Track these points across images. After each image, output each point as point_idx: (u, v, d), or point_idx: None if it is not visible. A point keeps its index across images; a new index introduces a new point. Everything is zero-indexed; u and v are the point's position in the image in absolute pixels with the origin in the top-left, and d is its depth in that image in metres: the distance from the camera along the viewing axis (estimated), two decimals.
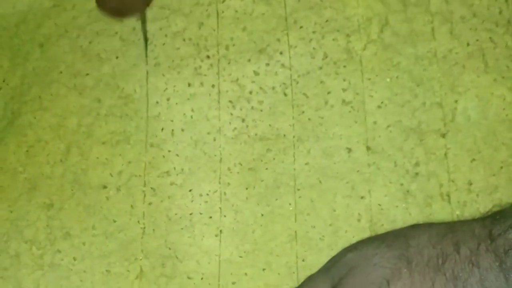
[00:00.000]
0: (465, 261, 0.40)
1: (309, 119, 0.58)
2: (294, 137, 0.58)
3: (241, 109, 0.58)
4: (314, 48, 0.60)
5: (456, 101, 0.58)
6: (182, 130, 0.58)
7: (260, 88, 0.59)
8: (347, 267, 0.45)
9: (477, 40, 0.59)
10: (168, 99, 0.59)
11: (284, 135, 0.57)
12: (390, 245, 0.44)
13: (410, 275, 0.42)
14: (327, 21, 0.60)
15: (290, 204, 0.56)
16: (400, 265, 0.42)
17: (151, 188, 0.57)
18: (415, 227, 0.47)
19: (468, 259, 0.40)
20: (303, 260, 0.54)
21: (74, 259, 0.55)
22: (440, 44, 0.59)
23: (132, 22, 0.61)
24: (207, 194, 0.56)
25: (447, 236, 0.43)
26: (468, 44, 0.59)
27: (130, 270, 0.55)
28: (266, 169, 0.57)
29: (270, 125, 0.58)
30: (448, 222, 0.50)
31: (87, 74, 0.61)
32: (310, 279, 0.50)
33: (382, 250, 0.44)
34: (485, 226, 0.42)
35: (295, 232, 0.55)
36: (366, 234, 0.54)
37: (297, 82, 0.59)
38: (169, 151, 0.57)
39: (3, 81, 0.62)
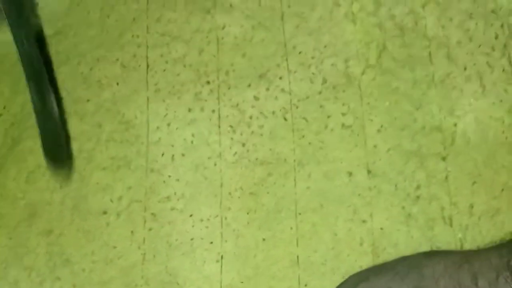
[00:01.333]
0: None
1: (309, 143, 0.57)
2: (294, 161, 0.57)
3: (241, 134, 0.58)
4: (313, 73, 0.59)
5: (455, 125, 0.57)
6: (183, 155, 0.57)
7: (260, 112, 0.58)
8: None
9: (474, 64, 0.59)
10: (168, 124, 0.58)
11: (285, 159, 0.57)
12: (403, 277, 0.43)
13: None
14: (325, 46, 0.60)
15: (291, 228, 0.55)
16: None
17: (152, 213, 0.55)
18: (428, 256, 0.46)
19: None
20: (305, 285, 0.53)
21: (74, 286, 0.53)
22: (438, 69, 0.59)
23: (133, 48, 0.61)
24: (208, 219, 0.55)
25: (463, 266, 0.41)
26: (465, 68, 0.59)
27: None
28: (267, 193, 0.56)
29: (270, 149, 0.57)
30: (462, 251, 0.49)
31: (88, 100, 0.60)
32: None
33: (396, 282, 0.43)
34: (502, 256, 0.40)
35: (297, 256, 0.54)
36: (368, 258, 0.53)
37: (297, 107, 0.58)
38: (169, 176, 0.56)
39: (4, 108, 0.61)
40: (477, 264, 0.41)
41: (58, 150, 0.50)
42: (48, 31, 0.63)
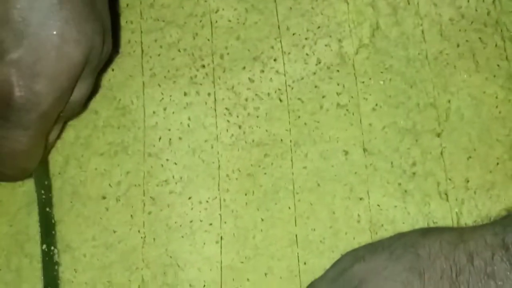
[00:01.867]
0: (480, 273, 0.39)
1: (305, 123, 0.57)
2: (291, 141, 0.57)
3: (237, 116, 0.58)
4: (307, 54, 0.59)
5: (449, 101, 0.57)
6: (180, 138, 0.57)
7: (256, 94, 0.58)
8: (356, 279, 0.43)
9: (467, 41, 0.59)
10: (164, 109, 0.58)
11: (281, 140, 0.57)
12: (399, 257, 0.43)
13: None
14: (319, 27, 0.60)
15: (289, 208, 0.55)
16: (411, 278, 0.41)
17: (150, 197, 0.55)
18: (423, 234, 0.46)
19: (483, 271, 0.39)
20: (304, 264, 0.53)
21: (75, 271, 0.54)
22: (431, 46, 0.59)
23: (127, 34, 0.61)
24: (207, 201, 0.55)
25: (458, 246, 0.41)
26: (458, 45, 0.59)
27: (131, 280, 0.53)
28: (265, 174, 0.56)
29: (266, 130, 0.57)
30: (457, 228, 0.49)
31: None
32: (314, 287, 0.48)
33: (392, 263, 0.42)
34: (496, 234, 0.40)
35: (296, 235, 0.54)
36: (366, 235, 0.53)
37: (292, 88, 0.58)
38: (167, 160, 0.56)
39: None
40: (472, 243, 0.41)
41: None
42: None
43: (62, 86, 0.45)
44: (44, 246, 0.53)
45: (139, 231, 0.55)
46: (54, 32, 0.43)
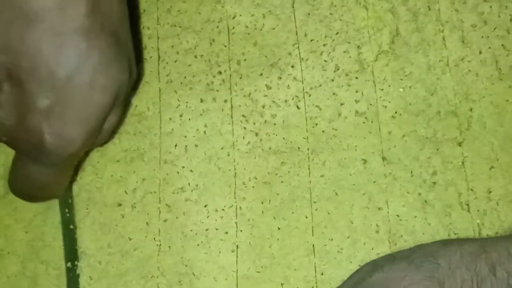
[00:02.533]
0: (502, 284, 0.38)
1: (323, 131, 0.57)
2: (308, 149, 0.56)
3: (254, 123, 0.57)
4: (325, 61, 0.59)
5: (471, 109, 0.56)
6: (196, 145, 0.57)
7: (273, 101, 0.58)
8: None
9: (490, 48, 0.58)
10: (181, 116, 0.58)
11: (299, 148, 0.56)
12: (419, 266, 0.42)
13: None
14: (337, 33, 0.59)
15: (306, 217, 0.54)
16: (431, 287, 0.40)
17: (166, 204, 0.55)
18: (444, 245, 0.45)
19: (505, 282, 0.38)
20: (322, 274, 0.53)
21: (90, 278, 0.54)
22: (452, 53, 0.58)
23: (144, 40, 0.61)
24: (223, 209, 0.55)
25: (480, 256, 0.41)
26: (480, 52, 0.58)
27: None
28: (281, 182, 0.55)
29: (284, 138, 0.57)
30: (478, 239, 0.48)
31: None
32: None
33: (411, 272, 0.42)
34: None
35: (313, 245, 0.53)
36: (385, 246, 0.53)
37: (310, 95, 0.58)
38: (183, 167, 0.56)
39: None
40: (495, 254, 0.40)
41: None
42: None
43: (91, 129, 0.46)
44: (69, 264, 0.54)
45: (154, 239, 0.55)
46: (83, 82, 0.43)
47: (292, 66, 0.59)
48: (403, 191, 0.54)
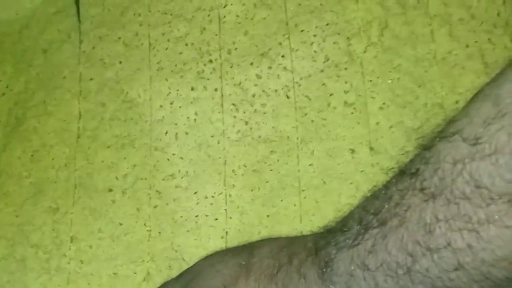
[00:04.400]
0: (294, 272, 0.43)
1: (312, 121, 0.60)
2: (297, 138, 0.60)
3: (244, 112, 0.61)
4: (315, 51, 0.62)
5: (457, 102, 0.60)
6: (186, 133, 0.60)
7: (263, 91, 0.61)
8: (195, 272, 0.48)
9: (476, 42, 0.62)
10: (171, 103, 0.61)
11: (288, 137, 0.60)
12: (236, 254, 0.48)
13: (246, 282, 0.44)
14: (327, 24, 0.63)
15: (295, 205, 0.58)
16: (239, 272, 0.45)
17: (157, 191, 0.59)
18: (262, 240, 0.51)
19: (297, 270, 0.43)
20: None
21: (81, 262, 0.57)
22: (440, 46, 0.62)
23: (135, 27, 0.64)
24: (212, 196, 0.58)
25: (284, 248, 0.46)
26: (467, 46, 0.62)
27: (137, 273, 0.57)
28: (271, 170, 0.59)
29: (273, 127, 0.60)
30: (291, 236, 0.53)
31: (91, 79, 0.63)
32: (164, 284, 0.52)
33: (227, 258, 0.47)
34: (315, 241, 0.45)
35: (301, 233, 0.57)
36: None
37: (299, 85, 0.61)
38: (173, 154, 0.60)
39: (7, 87, 0.64)
40: (296, 246, 0.46)
41: None
42: (49, 9, 0.66)
43: None
44: None
45: (145, 224, 0.58)
46: None
47: (283, 56, 0.63)
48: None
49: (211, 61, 0.62)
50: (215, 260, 0.48)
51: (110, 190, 0.58)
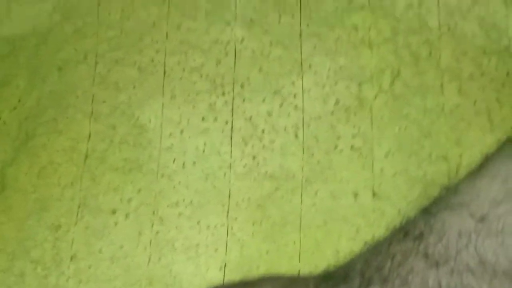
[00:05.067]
0: None
1: (318, 161, 0.63)
2: (302, 178, 0.62)
3: (252, 147, 0.63)
4: (327, 93, 0.65)
5: (460, 156, 0.63)
6: (194, 163, 0.63)
7: (273, 127, 0.64)
8: None
9: (484, 100, 0.65)
10: (181, 132, 0.63)
11: (293, 176, 0.62)
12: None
13: None
14: (341, 68, 0.66)
15: (295, 242, 0.60)
16: None
17: (160, 217, 0.61)
18: (263, 277, 0.52)
19: None
20: None
21: (80, 281, 0.58)
22: (448, 99, 0.65)
23: (151, 53, 0.66)
24: (215, 227, 0.60)
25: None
26: (475, 102, 0.65)
27: None
28: (274, 206, 0.61)
29: (280, 164, 0.63)
30: (291, 276, 0.55)
31: (104, 101, 0.65)
32: None
33: None
34: (316, 285, 0.46)
35: (299, 271, 0.59)
36: None
37: (309, 125, 0.64)
38: (179, 182, 0.62)
39: (19, 101, 0.66)
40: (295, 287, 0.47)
41: None
42: (67, 28, 0.69)
43: None
44: None
45: (145, 249, 0.60)
46: None
47: (294, 96, 0.65)
48: (389, 227, 0.60)
49: (224, 93, 0.64)
50: None
51: (114, 212, 0.59)
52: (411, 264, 0.40)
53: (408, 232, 0.45)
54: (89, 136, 0.64)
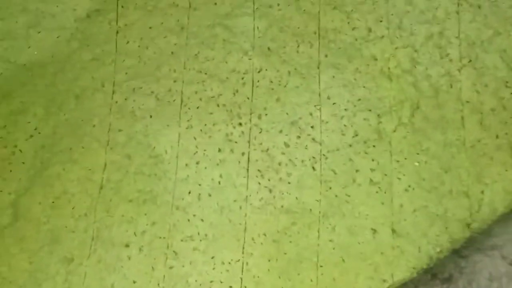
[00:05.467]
0: None
1: (336, 195, 0.61)
2: (320, 212, 0.61)
3: (269, 180, 0.62)
4: (345, 125, 0.64)
5: (482, 192, 0.61)
6: (209, 195, 0.61)
7: (290, 160, 0.63)
8: None
9: (506, 134, 0.63)
10: (197, 163, 0.62)
11: (310, 210, 0.61)
12: None
13: None
14: (359, 100, 0.65)
15: (311, 280, 0.59)
16: None
17: (174, 251, 0.60)
18: None
19: None
20: None
21: None
22: (469, 133, 0.64)
23: (169, 82, 0.66)
24: (229, 263, 0.59)
25: None
26: (497, 137, 0.63)
27: None
28: (290, 242, 0.60)
29: (297, 198, 0.61)
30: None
31: (120, 130, 0.65)
32: None
33: None
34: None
35: None
36: None
37: (327, 158, 0.63)
38: (194, 215, 0.61)
39: (35, 129, 0.66)
40: None
41: None
42: (85, 56, 0.68)
43: None
44: None
45: (158, 284, 0.59)
46: None
47: (312, 127, 0.64)
48: (409, 265, 0.59)
49: (240, 124, 0.63)
50: None
51: (127, 246, 0.58)
52: None
53: (436, 274, 0.43)
54: (105, 166, 0.63)
